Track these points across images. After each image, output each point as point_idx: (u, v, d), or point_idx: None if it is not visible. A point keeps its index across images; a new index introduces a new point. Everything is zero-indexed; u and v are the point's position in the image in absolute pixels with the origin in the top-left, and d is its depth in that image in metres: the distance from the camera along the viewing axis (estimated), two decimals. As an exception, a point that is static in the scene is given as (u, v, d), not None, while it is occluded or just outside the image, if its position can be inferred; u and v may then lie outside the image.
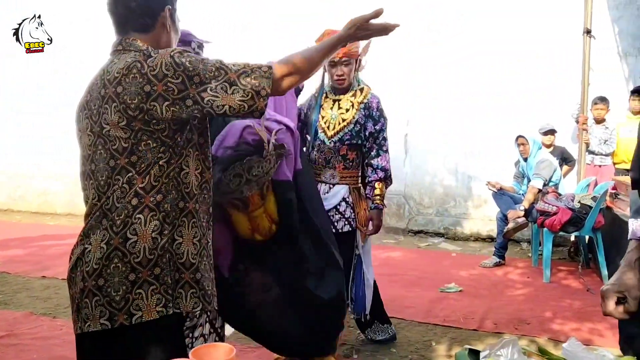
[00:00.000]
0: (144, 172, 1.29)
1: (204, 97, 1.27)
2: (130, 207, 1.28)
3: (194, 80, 1.27)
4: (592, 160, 5.33)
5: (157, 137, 1.29)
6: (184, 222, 1.33)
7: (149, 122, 1.28)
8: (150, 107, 1.26)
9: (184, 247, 1.33)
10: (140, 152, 1.29)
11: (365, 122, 2.69)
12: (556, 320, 3.51)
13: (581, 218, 4.38)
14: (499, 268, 4.86)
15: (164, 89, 1.26)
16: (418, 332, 3.33)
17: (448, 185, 6.45)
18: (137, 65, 1.29)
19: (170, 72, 1.26)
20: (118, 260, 1.27)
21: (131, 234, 1.27)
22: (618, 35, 5.66)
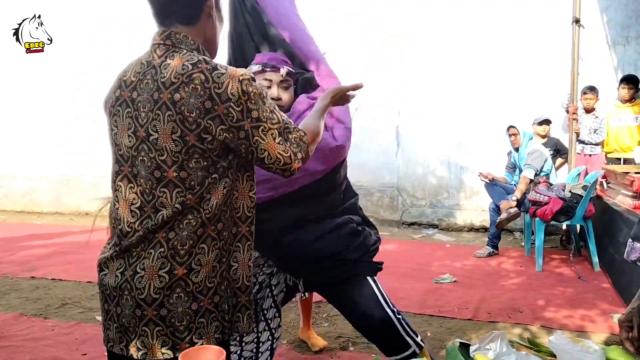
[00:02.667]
0: (198, 192, 1.23)
1: (254, 134, 1.22)
2: (195, 237, 1.23)
3: (251, 114, 1.21)
4: (582, 150, 5.38)
5: (208, 156, 1.22)
6: (238, 247, 1.32)
7: (203, 140, 1.21)
8: (207, 124, 1.19)
9: (240, 271, 1.32)
10: (190, 168, 1.22)
11: None
12: (549, 308, 3.57)
13: (572, 207, 4.44)
14: (492, 258, 4.92)
15: (225, 112, 1.19)
16: (413, 323, 3.31)
17: (441, 177, 6.50)
18: (201, 77, 1.19)
19: (235, 97, 1.19)
20: (180, 290, 1.22)
21: (195, 264, 1.23)
22: (607, 24, 5.69)
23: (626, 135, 5.29)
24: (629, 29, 5.68)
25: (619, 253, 3.98)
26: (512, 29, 5.79)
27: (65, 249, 5.18)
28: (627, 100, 5.30)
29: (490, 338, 1.19)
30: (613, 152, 5.39)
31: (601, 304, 3.62)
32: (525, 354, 1.14)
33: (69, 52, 6.58)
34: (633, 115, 5.26)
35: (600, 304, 3.61)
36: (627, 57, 5.69)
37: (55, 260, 4.77)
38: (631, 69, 5.60)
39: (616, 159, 5.31)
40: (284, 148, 1.26)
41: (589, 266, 4.50)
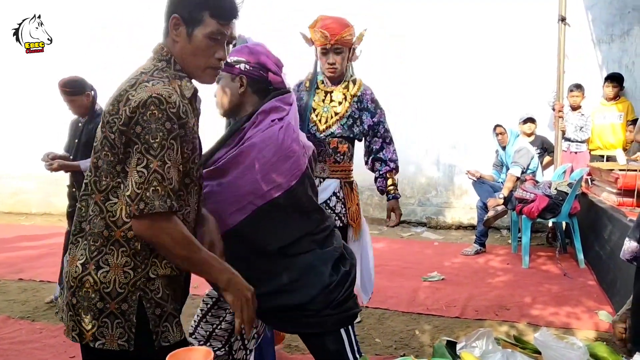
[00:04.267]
0: (103, 191, 1.27)
1: (132, 147, 1.22)
2: (103, 238, 1.28)
3: (136, 128, 1.20)
4: (568, 147, 5.43)
5: (116, 152, 1.25)
6: (155, 262, 1.30)
7: (112, 134, 1.26)
8: (111, 121, 1.25)
9: (158, 282, 1.31)
10: (102, 159, 1.27)
11: (360, 116, 2.61)
12: (535, 306, 3.60)
13: (558, 204, 4.48)
14: (480, 255, 4.95)
15: (121, 113, 1.23)
16: (402, 321, 3.37)
17: (429, 176, 6.52)
18: (130, 82, 1.26)
19: (133, 106, 1.20)
20: (89, 285, 1.27)
21: (103, 263, 1.26)
22: (592, 22, 5.75)
23: (610, 133, 5.35)
24: (614, 27, 5.75)
25: (604, 250, 4.02)
26: (499, 28, 5.82)
27: (54, 251, 5.09)
28: (611, 98, 5.36)
29: (477, 336, 1.19)
30: (597, 149, 5.46)
31: (587, 301, 3.66)
32: (510, 352, 1.14)
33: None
34: (617, 113, 5.32)
35: (586, 301, 3.65)
36: (612, 55, 5.76)
37: (44, 262, 4.71)
38: (615, 66, 5.67)
39: (600, 157, 5.37)
40: (140, 182, 1.18)
41: (575, 263, 4.54)
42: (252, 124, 1.65)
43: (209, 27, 1.31)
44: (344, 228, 2.60)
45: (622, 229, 3.52)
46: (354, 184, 2.68)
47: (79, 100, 3.63)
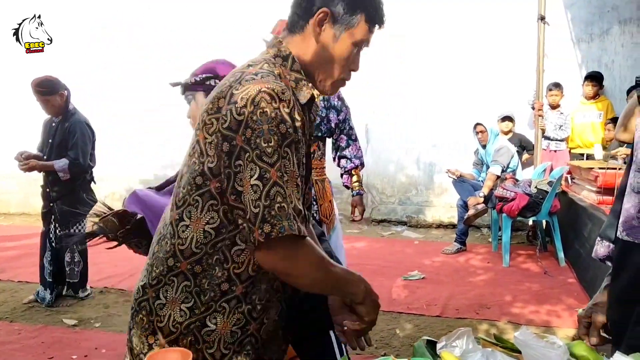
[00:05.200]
0: (178, 209, 1.10)
1: (240, 156, 0.97)
2: (166, 266, 1.10)
3: (246, 132, 0.97)
4: (547, 146, 5.46)
5: (201, 161, 1.05)
6: (223, 309, 1.10)
7: (205, 139, 1.06)
8: (209, 121, 1.03)
9: (215, 336, 1.10)
10: (185, 179, 1.09)
11: (327, 114, 2.65)
12: (515, 304, 3.59)
13: (538, 203, 4.48)
14: (460, 254, 4.94)
15: (224, 113, 1.01)
16: (382, 320, 3.33)
17: (410, 175, 6.51)
18: (236, 75, 1.04)
19: (241, 103, 0.97)
20: (145, 313, 1.12)
21: (163, 294, 1.09)
22: (571, 21, 5.80)
23: (590, 132, 5.40)
24: (593, 26, 5.80)
25: (584, 248, 4.03)
26: (478, 27, 5.83)
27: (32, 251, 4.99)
28: (591, 97, 5.41)
29: (457, 335, 1.16)
30: (577, 148, 5.50)
31: (567, 299, 3.67)
32: (491, 351, 1.10)
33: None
34: (597, 112, 5.37)
35: (566, 299, 3.66)
36: (591, 54, 5.81)
37: (23, 262, 4.61)
38: (595, 65, 5.72)
39: (579, 155, 5.42)
40: (256, 198, 0.94)
41: (555, 261, 4.56)
42: None
43: (360, 33, 1.10)
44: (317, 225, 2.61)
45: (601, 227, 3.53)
46: (326, 181, 2.71)
47: (52, 100, 3.62)
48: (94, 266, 3.98)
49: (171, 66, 3.25)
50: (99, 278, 4.11)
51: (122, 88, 6.64)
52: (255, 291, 1.07)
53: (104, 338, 3.14)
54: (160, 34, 6.54)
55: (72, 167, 3.61)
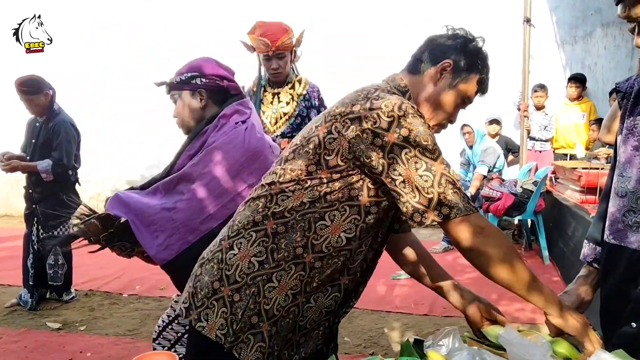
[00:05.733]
0: (287, 193, 1.19)
1: (394, 151, 1.09)
2: (252, 221, 1.20)
3: (401, 131, 1.07)
4: (532, 146, 5.55)
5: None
6: (290, 269, 1.17)
7: (329, 133, 1.17)
8: (342, 122, 1.14)
9: (276, 294, 1.17)
10: (297, 162, 1.19)
11: (308, 114, 2.69)
12: (502, 302, 3.64)
13: (523, 202, 4.56)
14: (448, 253, 5.00)
15: (366, 115, 1.10)
16: (371, 320, 3.37)
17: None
18: (373, 89, 1.17)
19: (386, 110, 1.08)
20: (216, 261, 1.21)
21: (236, 246, 1.19)
22: (556, 24, 5.90)
23: (573, 132, 5.50)
24: (577, 28, 5.90)
25: (567, 246, 4.12)
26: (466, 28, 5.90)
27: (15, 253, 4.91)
28: (575, 98, 5.50)
29: (443, 334, 1.19)
30: (561, 148, 5.60)
31: (551, 295, 3.74)
32: (476, 349, 1.14)
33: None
34: (581, 113, 5.47)
35: (551, 296, 3.73)
36: (575, 56, 5.91)
37: (5, 265, 4.55)
38: (578, 67, 5.82)
39: (563, 155, 5.51)
40: (428, 185, 1.06)
41: (540, 260, 4.64)
42: (215, 127, 1.64)
43: (470, 90, 1.26)
44: None
45: (585, 226, 3.60)
46: None
47: (36, 99, 3.56)
48: (79, 268, 3.93)
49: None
50: (84, 280, 4.07)
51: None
52: (319, 268, 1.16)
53: (89, 341, 3.10)
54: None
55: (55, 168, 3.55)
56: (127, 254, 1.69)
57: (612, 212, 1.19)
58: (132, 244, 1.64)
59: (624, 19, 1.02)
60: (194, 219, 1.55)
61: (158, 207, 1.58)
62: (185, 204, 1.56)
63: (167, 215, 1.56)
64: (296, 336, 1.22)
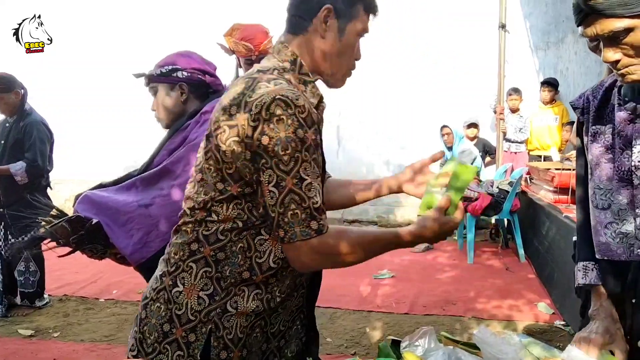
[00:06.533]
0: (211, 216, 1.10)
1: (258, 162, 1.00)
2: (188, 251, 1.12)
3: (262, 139, 0.98)
4: (508, 148, 5.70)
5: (220, 168, 1.07)
6: (243, 292, 1.09)
7: (218, 147, 1.06)
8: (223, 129, 1.03)
9: (234, 320, 1.09)
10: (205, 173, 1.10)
11: None
12: (480, 300, 3.75)
13: (500, 202, 4.69)
14: (428, 252, 5.10)
15: (242, 124, 1.00)
16: (353, 319, 3.42)
17: (380, 175, 6.64)
18: (247, 82, 1.05)
19: (256, 110, 0.98)
20: (163, 301, 1.12)
21: (180, 282, 1.10)
22: (529, 30, 6.06)
23: (546, 135, 5.66)
24: (549, 34, 6.08)
25: (542, 245, 4.25)
26: (444, 35, 6.02)
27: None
28: (548, 101, 5.67)
29: (419, 335, 1.21)
30: (535, 150, 5.76)
31: (527, 293, 3.85)
32: (452, 349, 1.16)
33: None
34: (553, 116, 5.64)
35: (527, 294, 3.84)
36: (548, 61, 6.09)
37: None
38: (551, 72, 6.00)
39: (537, 157, 5.67)
40: (272, 204, 0.99)
41: (516, 258, 4.77)
42: (197, 123, 1.60)
43: (361, 23, 1.15)
44: None
45: (558, 225, 3.74)
46: None
47: (6, 98, 3.45)
48: (53, 273, 3.84)
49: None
50: (58, 285, 3.97)
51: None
52: (275, 283, 1.10)
53: (63, 348, 3.02)
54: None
55: (30, 169, 3.43)
56: (99, 256, 1.64)
57: (593, 225, 1.17)
58: (103, 245, 1.58)
59: (588, 37, 1.06)
60: (174, 216, 1.51)
61: (134, 204, 1.53)
62: (164, 200, 1.52)
63: (144, 212, 1.52)
64: (272, 344, 1.16)
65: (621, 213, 1.11)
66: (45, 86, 6.67)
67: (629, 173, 1.09)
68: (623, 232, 1.11)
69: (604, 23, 0.99)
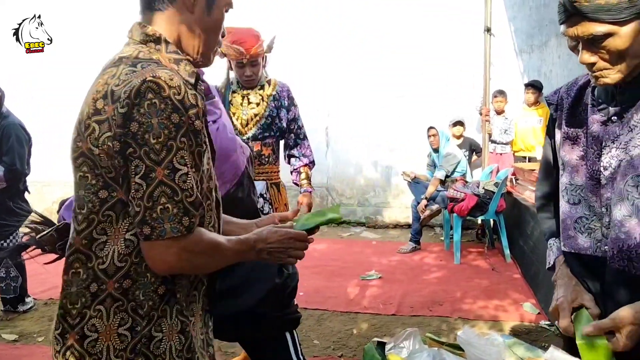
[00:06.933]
0: (85, 230, 0.96)
1: (126, 150, 0.91)
2: (88, 293, 0.96)
3: (131, 125, 0.90)
4: (494, 149, 5.77)
5: (99, 173, 0.94)
6: (165, 312, 0.99)
7: (91, 150, 0.94)
8: (94, 127, 0.92)
9: (165, 344, 0.99)
10: (80, 188, 0.96)
11: (278, 114, 2.70)
12: (466, 300, 3.78)
13: (486, 203, 4.74)
14: (415, 253, 5.13)
15: (112, 114, 0.91)
16: (340, 321, 3.42)
17: (368, 177, 6.68)
18: (112, 71, 0.95)
19: (124, 96, 0.90)
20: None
21: (89, 330, 0.96)
22: (514, 33, 6.13)
23: (531, 136, 5.73)
24: (533, 38, 6.16)
25: (527, 245, 4.30)
26: (431, 38, 6.07)
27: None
28: (532, 103, 5.74)
29: (404, 336, 1.23)
30: (520, 151, 5.83)
31: (513, 293, 3.89)
32: (436, 350, 1.17)
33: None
34: (537, 118, 5.71)
35: (512, 294, 3.88)
36: (532, 63, 6.17)
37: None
38: (535, 74, 6.08)
39: (522, 158, 5.74)
40: (138, 196, 0.90)
41: (502, 258, 4.82)
42: None
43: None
44: None
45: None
46: (280, 184, 2.76)
47: None
48: (38, 276, 3.76)
49: None
50: (43, 289, 3.91)
51: None
52: (187, 284, 1.03)
53: (48, 352, 2.95)
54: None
55: (8, 173, 3.37)
56: None
57: (563, 219, 1.21)
58: None
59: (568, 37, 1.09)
60: None
61: None
62: None
63: None
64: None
65: (591, 209, 1.15)
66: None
67: (598, 173, 1.13)
68: (591, 227, 1.15)
69: (586, 25, 1.02)
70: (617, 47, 1.01)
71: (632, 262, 1.07)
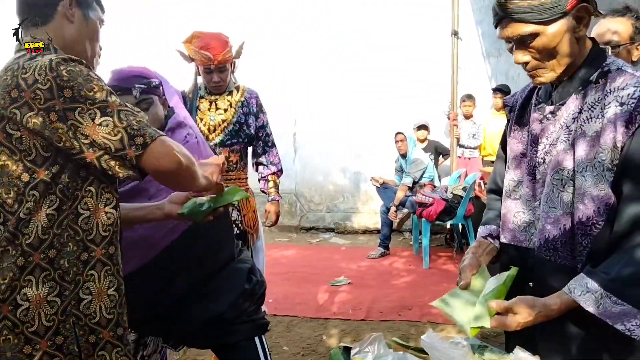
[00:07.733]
0: (14, 213, 1.04)
1: (68, 116, 1.01)
2: (16, 268, 1.03)
3: (64, 92, 1.01)
4: (462, 153, 5.82)
5: (19, 159, 1.04)
6: (91, 276, 1.10)
7: (10, 135, 1.03)
8: (11, 114, 1.02)
9: (95, 304, 1.10)
10: (5, 184, 1.04)
11: (246, 120, 2.66)
12: (436, 303, 3.78)
13: (454, 207, 4.77)
14: (384, 258, 5.11)
15: (32, 96, 1.01)
16: (310, 327, 3.37)
17: (337, 183, 6.65)
18: (14, 66, 1.07)
19: (42, 76, 1.01)
20: (8, 331, 1.04)
21: (22, 299, 1.04)
22: (481, 36, 6.23)
23: (499, 140, 5.81)
24: (501, 41, 6.20)
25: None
26: (397, 42, 6.12)
27: None
28: (500, 108, 5.82)
29: (369, 341, 1.20)
30: (488, 155, 5.90)
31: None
32: (402, 354, 1.15)
33: None
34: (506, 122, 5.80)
35: (480, 297, 3.90)
36: (500, 67, 6.27)
37: None
38: (503, 78, 6.18)
39: (491, 162, 5.81)
40: (110, 129, 1.03)
41: (470, 261, 4.85)
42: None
43: (97, 11, 1.27)
44: (242, 234, 2.62)
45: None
46: (249, 191, 2.70)
47: None
48: None
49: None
50: None
51: None
52: (116, 250, 1.15)
53: None
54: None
55: None
56: None
57: (504, 213, 1.28)
58: None
59: (502, 39, 1.13)
60: (154, 234, 1.53)
61: None
62: None
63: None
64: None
65: (527, 204, 1.22)
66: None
67: (534, 168, 1.19)
68: (527, 221, 1.22)
69: (514, 27, 1.08)
70: (544, 46, 1.08)
71: (557, 251, 1.13)
